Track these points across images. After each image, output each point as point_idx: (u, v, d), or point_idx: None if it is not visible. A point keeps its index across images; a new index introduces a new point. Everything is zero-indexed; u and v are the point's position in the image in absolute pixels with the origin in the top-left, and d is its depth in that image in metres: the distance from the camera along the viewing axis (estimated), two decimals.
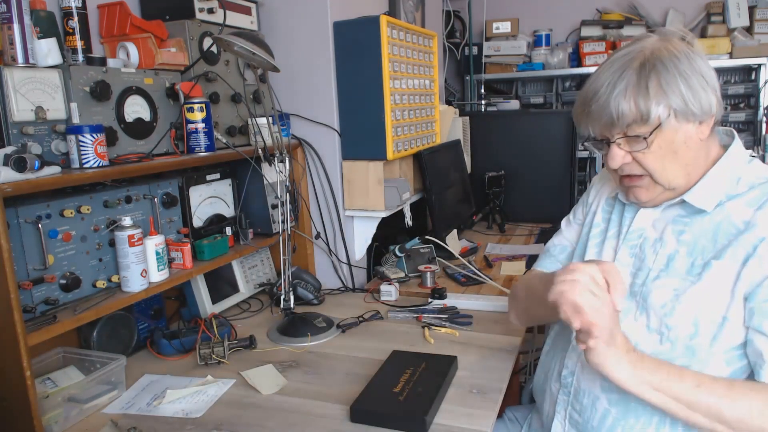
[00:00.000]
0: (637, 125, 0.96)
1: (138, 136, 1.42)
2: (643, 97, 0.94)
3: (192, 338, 1.49)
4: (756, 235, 0.94)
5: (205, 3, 1.64)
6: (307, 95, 1.91)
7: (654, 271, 1.03)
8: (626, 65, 0.96)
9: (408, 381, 1.22)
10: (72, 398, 1.20)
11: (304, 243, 1.97)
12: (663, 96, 0.94)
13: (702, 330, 0.95)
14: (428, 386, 1.19)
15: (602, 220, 1.18)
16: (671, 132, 0.97)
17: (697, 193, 1.01)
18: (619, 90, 0.95)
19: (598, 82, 0.99)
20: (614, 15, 3.56)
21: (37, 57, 1.20)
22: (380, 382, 1.24)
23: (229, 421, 1.17)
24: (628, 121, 0.96)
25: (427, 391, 1.16)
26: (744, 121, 3.35)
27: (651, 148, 0.97)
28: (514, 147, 2.81)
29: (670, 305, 0.99)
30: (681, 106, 0.95)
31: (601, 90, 0.97)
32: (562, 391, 1.12)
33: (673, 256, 1.02)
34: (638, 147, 0.98)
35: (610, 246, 1.13)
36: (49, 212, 1.19)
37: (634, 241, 1.08)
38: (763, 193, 0.98)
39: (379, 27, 1.79)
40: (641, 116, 0.95)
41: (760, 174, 1.01)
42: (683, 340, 0.97)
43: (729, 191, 1.00)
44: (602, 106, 0.97)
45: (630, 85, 0.95)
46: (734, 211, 0.98)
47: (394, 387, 1.20)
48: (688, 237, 1.01)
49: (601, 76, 0.99)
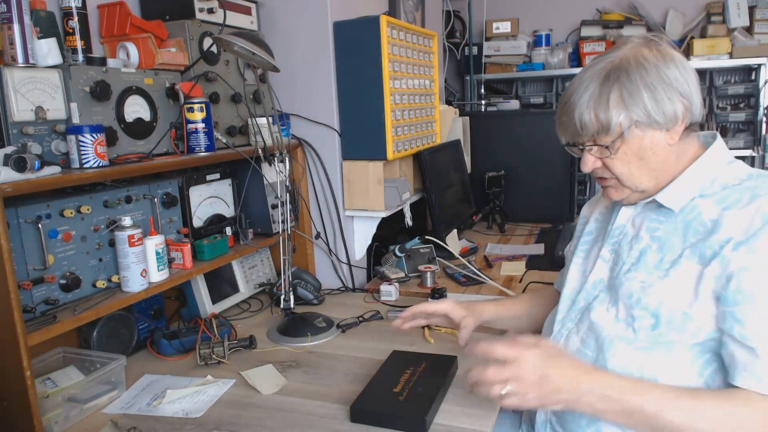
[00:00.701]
0: (602, 135, 1.01)
1: (138, 136, 1.42)
2: (603, 109, 0.98)
3: (192, 338, 1.49)
4: (722, 236, 0.95)
5: (205, 3, 1.64)
6: (307, 95, 1.91)
7: (627, 264, 1.07)
8: (593, 76, 1.00)
9: (408, 381, 1.22)
10: (72, 398, 1.20)
11: (304, 243, 1.97)
12: (623, 108, 0.98)
13: (663, 322, 0.98)
14: (428, 386, 1.19)
15: (594, 229, 1.23)
16: (636, 140, 1.00)
17: (667, 194, 1.04)
18: (583, 101, 1.00)
19: (568, 93, 1.04)
20: (614, 15, 3.56)
21: (37, 57, 1.20)
22: (380, 382, 1.24)
23: (229, 421, 1.17)
24: (591, 131, 1.01)
25: (427, 391, 1.16)
26: (744, 121, 3.36)
27: (617, 155, 1.02)
28: (514, 147, 2.81)
29: (635, 296, 1.02)
30: (643, 117, 0.98)
31: (570, 101, 1.02)
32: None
33: (645, 251, 1.06)
34: (604, 154, 1.03)
35: (597, 247, 1.17)
36: (49, 212, 1.19)
37: (615, 238, 1.13)
38: (732, 192, 0.99)
39: (379, 27, 1.79)
40: (602, 127, 0.99)
41: (737, 175, 1.02)
42: (645, 330, 1.00)
43: (703, 191, 1.02)
44: (569, 117, 1.02)
45: (592, 97, 0.99)
46: (704, 210, 1.00)
47: (394, 387, 1.20)
48: (660, 234, 1.05)
49: (572, 86, 1.04)
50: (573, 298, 1.16)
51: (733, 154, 1.09)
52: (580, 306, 1.13)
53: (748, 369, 0.91)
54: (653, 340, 1.00)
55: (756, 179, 1.00)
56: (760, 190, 0.97)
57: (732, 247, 0.93)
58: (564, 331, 1.14)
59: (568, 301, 1.17)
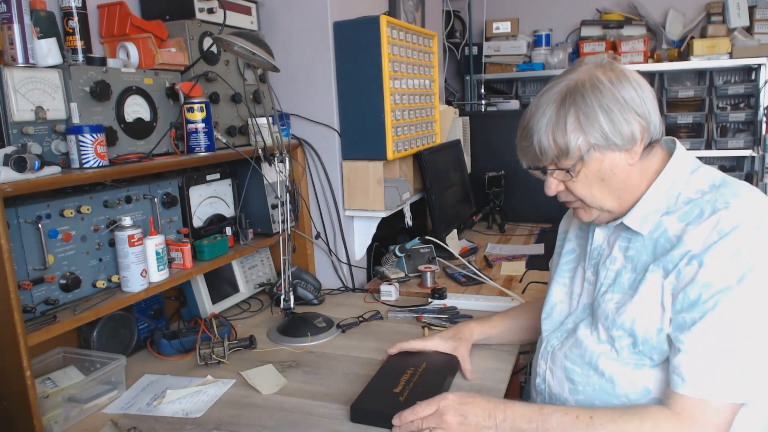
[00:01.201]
0: (562, 159, 1.01)
1: (138, 136, 1.42)
2: (561, 134, 0.99)
3: (192, 338, 1.49)
4: (681, 250, 0.97)
5: (205, 3, 1.64)
6: (307, 95, 1.91)
7: (604, 286, 1.09)
8: (549, 101, 1.01)
9: (408, 381, 1.22)
10: (72, 398, 1.20)
11: (304, 243, 1.97)
12: (580, 131, 0.98)
13: (640, 340, 1.00)
14: (429, 387, 1.19)
15: (576, 246, 1.23)
16: (596, 162, 1.00)
17: (633, 217, 1.05)
18: (540, 126, 1.00)
19: (526, 118, 1.04)
20: (614, 15, 3.56)
21: (37, 57, 1.20)
22: (381, 382, 1.24)
23: (229, 421, 1.17)
24: (551, 156, 1.01)
25: (428, 392, 1.16)
26: (744, 121, 3.35)
27: (578, 178, 1.02)
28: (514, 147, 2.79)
29: (611, 317, 1.04)
30: (600, 140, 0.98)
31: (528, 126, 1.03)
32: (539, 397, 1.18)
33: (620, 271, 1.07)
34: (566, 177, 1.03)
35: (581, 268, 1.18)
36: (49, 212, 1.19)
37: (595, 259, 1.14)
38: (694, 207, 0.99)
39: (379, 27, 1.79)
40: (561, 151, 0.99)
41: (699, 187, 1.02)
42: (627, 349, 1.02)
43: (668, 208, 1.03)
44: (528, 142, 1.03)
45: (550, 122, 0.99)
46: (669, 226, 1.01)
47: (394, 387, 1.20)
48: (632, 253, 1.06)
49: (529, 111, 1.04)
50: (561, 320, 1.17)
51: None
52: (568, 327, 1.15)
53: (676, 371, 0.94)
54: (637, 359, 1.01)
55: (716, 191, 1.00)
56: (720, 203, 0.97)
57: (687, 261, 0.95)
58: (549, 348, 1.17)
59: (555, 323, 1.18)
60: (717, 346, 0.92)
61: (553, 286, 1.22)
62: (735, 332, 0.91)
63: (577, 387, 1.09)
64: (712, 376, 0.91)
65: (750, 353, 0.91)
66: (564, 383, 1.11)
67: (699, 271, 0.93)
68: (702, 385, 0.92)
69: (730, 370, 0.91)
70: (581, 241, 1.22)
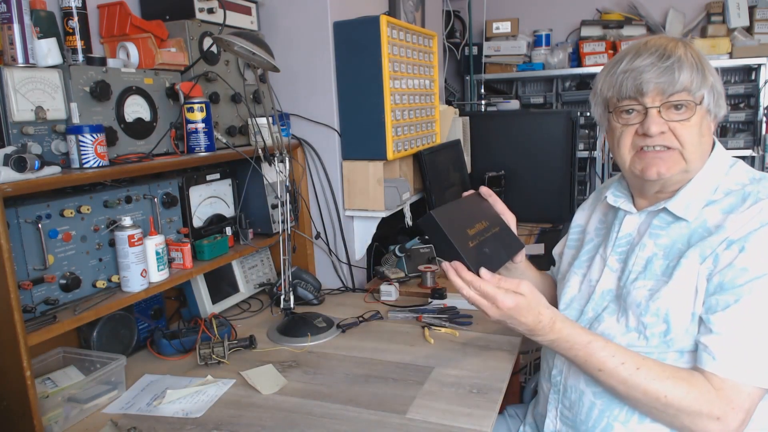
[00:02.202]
0: (687, 94, 0.99)
1: (138, 136, 1.42)
2: (699, 72, 0.98)
3: (192, 338, 1.49)
4: (720, 237, 0.97)
5: (205, 3, 1.64)
6: (307, 95, 1.91)
7: (633, 273, 1.07)
8: (671, 46, 1.00)
9: (481, 233, 1.13)
10: (72, 398, 1.20)
11: (304, 243, 1.97)
12: (708, 78, 1.00)
13: (674, 326, 0.99)
14: (492, 254, 1.11)
15: (595, 236, 1.22)
16: (702, 115, 1.01)
17: (678, 203, 1.04)
18: (677, 58, 0.98)
19: (642, 58, 0.99)
20: (614, 15, 3.56)
21: (37, 57, 1.20)
22: (462, 211, 1.16)
23: (229, 421, 1.17)
24: (683, 86, 0.98)
25: (490, 259, 1.08)
26: (744, 121, 3.35)
27: (691, 121, 1.00)
28: (514, 147, 2.81)
29: (644, 304, 1.03)
30: (717, 94, 1.01)
31: (653, 59, 0.99)
32: (553, 389, 1.17)
33: (651, 258, 1.06)
34: (682, 117, 1.00)
35: (600, 256, 1.17)
36: (49, 212, 1.19)
37: (623, 247, 1.12)
38: (736, 198, 1.01)
39: (379, 27, 1.79)
40: (695, 86, 0.98)
41: (738, 180, 1.04)
42: (658, 337, 1.01)
43: (708, 199, 1.03)
44: (661, 69, 0.98)
45: (687, 59, 0.99)
46: (709, 217, 1.02)
47: (469, 228, 1.12)
48: (665, 241, 1.05)
49: (642, 54, 1.00)
50: (581, 308, 1.15)
51: (732, 154, 1.11)
52: (588, 317, 1.13)
53: (706, 350, 0.95)
54: (665, 347, 1.01)
55: (758, 183, 1.02)
56: (762, 193, 0.98)
57: (726, 245, 0.96)
58: None
59: (575, 312, 1.16)
60: (750, 330, 0.92)
61: (571, 278, 1.20)
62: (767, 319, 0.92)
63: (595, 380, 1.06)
64: (744, 359, 0.92)
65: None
66: (581, 375, 1.09)
67: (738, 256, 0.94)
68: (734, 368, 0.92)
69: (763, 354, 0.92)
70: (600, 231, 1.21)
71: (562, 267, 1.29)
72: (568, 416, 1.13)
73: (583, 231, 1.26)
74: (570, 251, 1.28)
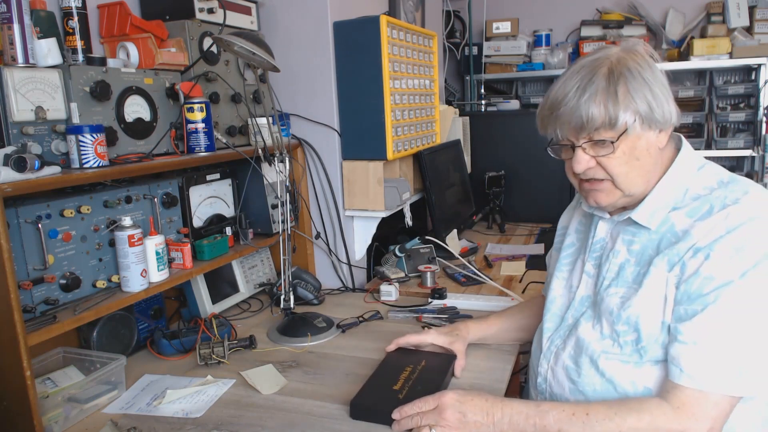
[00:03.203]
0: (605, 130, 0.98)
1: (138, 136, 1.42)
2: (613, 102, 0.96)
3: (192, 338, 1.49)
4: (687, 244, 0.97)
5: (205, 3, 1.64)
6: (307, 95, 1.91)
7: (607, 279, 1.08)
8: (594, 71, 0.98)
9: (408, 379, 1.22)
10: (72, 398, 1.20)
11: (304, 243, 1.97)
12: (631, 101, 0.96)
13: (644, 335, 1.00)
14: (428, 384, 1.19)
15: (576, 240, 1.23)
16: (635, 138, 0.99)
17: (642, 212, 1.04)
18: (589, 94, 0.97)
19: (566, 87, 1.00)
20: (614, 15, 3.56)
21: (37, 57, 1.20)
22: (380, 379, 1.24)
23: (229, 421, 1.17)
24: (596, 124, 0.97)
25: (427, 390, 1.16)
26: (744, 121, 3.35)
27: (616, 153, 0.99)
28: (514, 147, 2.81)
29: (616, 312, 1.04)
30: (647, 112, 0.97)
31: (570, 94, 0.99)
32: (539, 397, 1.18)
33: (623, 265, 1.07)
34: (604, 152, 1.00)
35: (580, 260, 1.18)
36: (49, 212, 1.19)
37: (597, 252, 1.13)
38: (703, 203, 1.00)
39: (379, 27, 1.79)
40: (609, 120, 0.97)
41: (707, 183, 1.03)
42: (631, 345, 1.02)
43: (676, 204, 1.03)
44: (572, 109, 0.98)
45: (599, 89, 0.97)
46: (677, 221, 1.01)
47: (393, 384, 1.20)
48: (637, 247, 1.06)
49: (568, 81, 1.00)
50: (561, 315, 1.17)
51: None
52: (568, 323, 1.15)
53: (674, 362, 0.95)
54: (638, 356, 1.01)
55: (725, 187, 1.01)
56: (729, 199, 0.97)
57: (692, 253, 0.96)
58: (553, 348, 1.16)
59: (557, 318, 1.18)
60: (716, 339, 0.92)
61: (553, 281, 1.22)
62: (735, 326, 0.92)
63: (577, 387, 1.09)
64: (711, 367, 0.92)
65: (749, 348, 0.92)
66: (565, 383, 1.11)
67: (703, 264, 0.94)
68: (701, 377, 0.92)
69: (730, 362, 0.92)
70: (581, 235, 1.22)
71: (549, 269, 1.30)
72: None
73: (565, 233, 1.28)
74: (556, 253, 1.29)
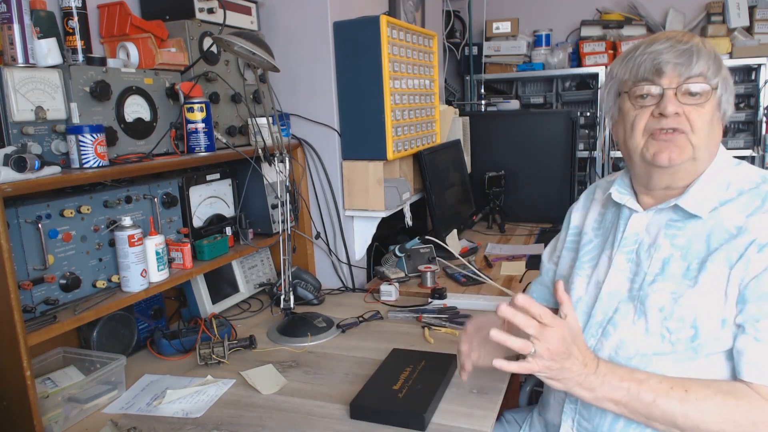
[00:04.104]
0: (703, 79, 0.98)
1: (138, 136, 1.42)
2: (714, 61, 0.99)
3: (192, 338, 1.49)
4: (746, 239, 0.95)
5: (205, 3, 1.64)
6: (307, 95, 1.91)
7: (650, 275, 1.04)
8: (692, 36, 1.01)
9: (407, 379, 1.22)
10: (72, 398, 1.20)
11: (304, 243, 1.97)
12: (722, 71, 1.00)
13: (702, 332, 0.96)
14: (428, 384, 1.19)
15: (594, 237, 1.19)
16: (715, 105, 1.00)
17: (690, 199, 1.02)
18: (693, 45, 0.98)
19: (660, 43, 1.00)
20: (614, 15, 3.55)
21: (37, 57, 1.20)
22: (380, 379, 1.24)
23: (229, 421, 1.17)
24: (701, 69, 0.97)
25: (427, 389, 1.16)
26: (744, 121, 3.35)
27: (704, 107, 0.99)
28: (514, 147, 2.81)
29: (668, 308, 0.99)
30: (729, 89, 1.01)
31: (671, 43, 0.99)
32: (568, 399, 1.12)
33: (668, 260, 1.03)
34: (696, 100, 0.98)
35: (606, 256, 1.13)
36: (49, 212, 1.19)
37: (630, 246, 1.09)
38: (753, 198, 0.99)
39: (379, 27, 1.79)
40: (711, 73, 0.98)
41: (749, 178, 1.03)
42: (684, 342, 0.97)
43: (720, 196, 1.02)
44: (680, 52, 0.98)
45: (705, 46, 0.99)
46: (726, 217, 0.99)
47: (393, 384, 1.20)
48: (681, 241, 1.02)
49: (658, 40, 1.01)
50: (588, 311, 1.11)
51: (732, 154, 1.10)
52: (598, 320, 1.09)
53: (753, 362, 0.92)
54: (693, 352, 0.97)
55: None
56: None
57: (756, 249, 0.94)
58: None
59: (583, 315, 1.12)
60: None
61: (575, 280, 1.16)
62: None
63: None
64: None
65: None
66: None
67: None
68: None
69: None
70: (600, 231, 1.18)
71: (563, 270, 1.26)
72: (588, 427, 1.08)
73: (579, 232, 1.24)
74: (569, 253, 1.25)
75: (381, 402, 1.15)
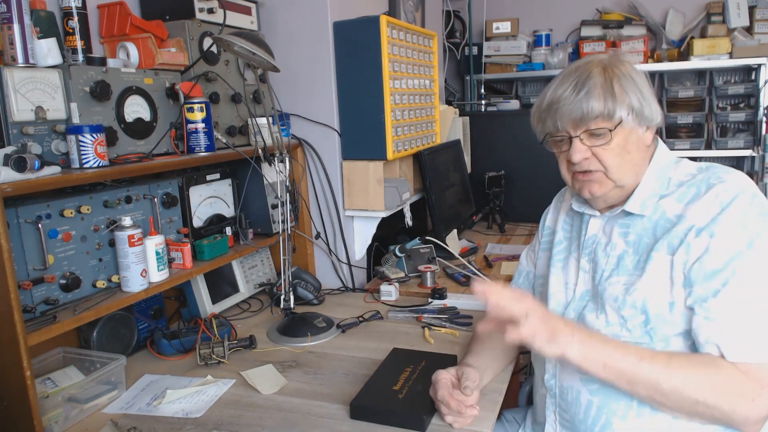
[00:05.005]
0: (602, 120, 1.04)
1: (138, 136, 1.42)
2: (610, 96, 1.03)
3: (192, 338, 1.49)
4: (685, 226, 1.02)
5: (205, 3, 1.64)
6: (307, 95, 1.91)
7: (606, 271, 1.11)
8: (589, 70, 1.06)
9: (408, 379, 1.22)
10: (72, 398, 1.20)
11: (304, 243, 1.97)
12: (625, 97, 1.04)
13: (652, 316, 1.03)
14: (428, 385, 1.19)
15: (563, 238, 1.25)
16: (628, 132, 1.06)
17: (634, 203, 1.10)
18: (588, 88, 1.04)
19: (564, 85, 1.07)
20: (614, 15, 3.55)
21: (37, 57, 1.20)
22: (380, 379, 1.24)
23: (229, 421, 1.17)
24: (595, 115, 1.04)
25: (427, 390, 1.16)
26: (744, 121, 3.35)
27: (611, 145, 1.05)
28: (514, 147, 2.81)
29: (621, 298, 1.07)
30: (638, 108, 1.05)
31: (569, 90, 1.06)
32: (549, 394, 1.18)
33: (622, 256, 1.10)
34: (600, 142, 1.06)
35: (574, 258, 1.20)
36: (49, 212, 1.19)
37: (590, 247, 1.17)
38: (690, 188, 1.06)
39: (379, 27, 1.79)
40: (607, 112, 1.03)
41: (687, 171, 1.10)
42: (639, 328, 1.04)
43: (661, 192, 1.09)
44: (572, 102, 1.05)
45: (597, 84, 1.04)
46: (668, 208, 1.07)
47: (393, 385, 1.21)
48: (632, 237, 1.10)
49: (565, 81, 1.08)
50: (562, 311, 1.18)
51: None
52: (571, 317, 1.16)
53: (711, 341, 0.97)
54: (648, 337, 1.03)
55: (706, 171, 1.08)
56: (713, 179, 1.04)
57: (694, 234, 1.00)
58: None
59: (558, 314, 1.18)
60: (748, 309, 0.95)
61: (551, 278, 1.22)
62: (759, 293, 0.95)
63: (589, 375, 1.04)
64: (754, 337, 0.94)
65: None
66: (575, 374, 1.10)
67: (710, 242, 0.98)
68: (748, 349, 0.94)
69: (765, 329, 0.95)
70: (568, 233, 1.24)
71: (541, 270, 1.31)
72: (567, 418, 1.14)
73: (552, 232, 1.29)
74: (545, 254, 1.31)
75: (381, 402, 1.15)
